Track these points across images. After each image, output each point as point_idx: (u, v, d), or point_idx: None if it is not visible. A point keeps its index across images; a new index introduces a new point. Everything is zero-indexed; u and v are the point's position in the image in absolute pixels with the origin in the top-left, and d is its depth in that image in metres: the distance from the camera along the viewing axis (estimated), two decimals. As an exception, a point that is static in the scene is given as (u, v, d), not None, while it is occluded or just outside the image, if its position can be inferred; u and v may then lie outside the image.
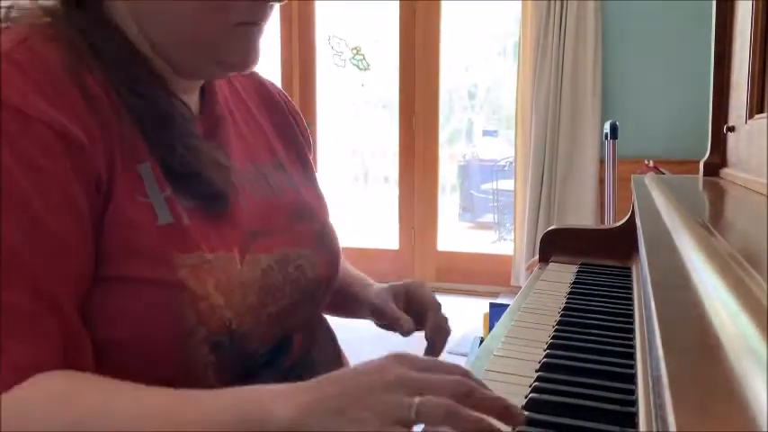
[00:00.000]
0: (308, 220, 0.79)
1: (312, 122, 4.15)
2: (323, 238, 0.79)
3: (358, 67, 4.50)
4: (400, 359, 0.53)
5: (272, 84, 0.90)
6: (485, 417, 0.49)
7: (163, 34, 0.66)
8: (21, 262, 0.54)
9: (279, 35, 4.07)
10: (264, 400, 0.51)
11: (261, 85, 0.87)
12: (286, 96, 0.90)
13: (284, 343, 0.73)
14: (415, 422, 0.48)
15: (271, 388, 0.53)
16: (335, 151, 5.31)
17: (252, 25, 0.66)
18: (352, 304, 0.95)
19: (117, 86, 0.63)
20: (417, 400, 0.49)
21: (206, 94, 0.75)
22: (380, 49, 4.49)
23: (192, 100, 0.73)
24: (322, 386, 0.52)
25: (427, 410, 0.48)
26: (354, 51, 4.43)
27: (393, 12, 3.94)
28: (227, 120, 0.76)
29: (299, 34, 4.07)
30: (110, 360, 0.59)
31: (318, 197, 0.85)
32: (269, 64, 3.97)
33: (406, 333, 0.87)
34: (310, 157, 0.89)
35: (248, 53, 0.67)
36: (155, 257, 0.60)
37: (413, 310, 0.90)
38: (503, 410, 0.50)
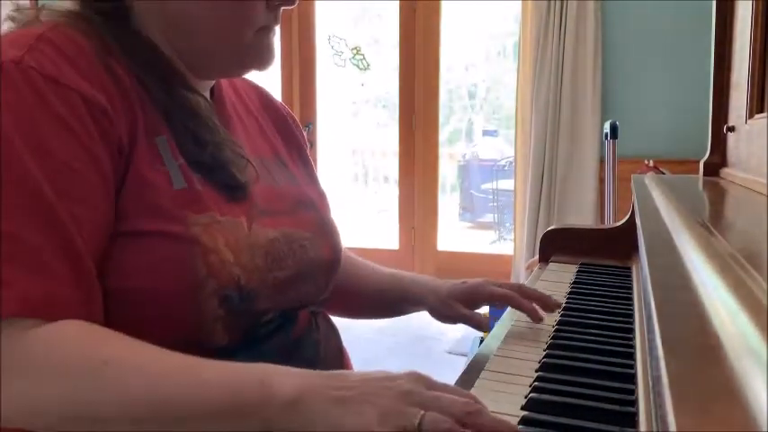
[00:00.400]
0: (310, 209, 0.82)
1: (312, 122, 4.15)
2: (324, 226, 0.83)
3: (358, 67, 4.50)
4: (415, 377, 0.55)
5: (270, 92, 0.96)
6: None
7: (189, 39, 0.71)
8: (42, 204, 0.57)
9: (279, 35, 4.06)
10: (274, 372, 0.54)
11: (260, 92, 0.92)
12: (282, 104, 0.95)
13: (290, 315, 0.75)
14: None
15: (283, 366, 0.56)
16: (335, 151, 5.31)
17: (270, 29, 0.73)
18: (400, 304, 0.99)
19: (143, 79, 0.68)
20: (423, 412, 0.50)
21: (215, 93, 0.80)
22: (380, 49, 4.49)
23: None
24: (331, 376, 0.55)
25: (431, 423, 0.50)
26: (354, 51, 4.43)
27: (393, 12, 3.94)
28: (234, 118, 0.81)
29: (299, 34, 4.07)
30: (122, 311, 0.62)
31: (320, 193, 0.88)
32: (269, 64, 3.96)
33: (485, 331, 0.93)
34: (310, 158, 0.93)
35: (268, 54, 0.74)
36: (170, 216, 0.64)
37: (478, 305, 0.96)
38: None
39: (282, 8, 0.73)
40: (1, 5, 0.71)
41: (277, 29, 0.75)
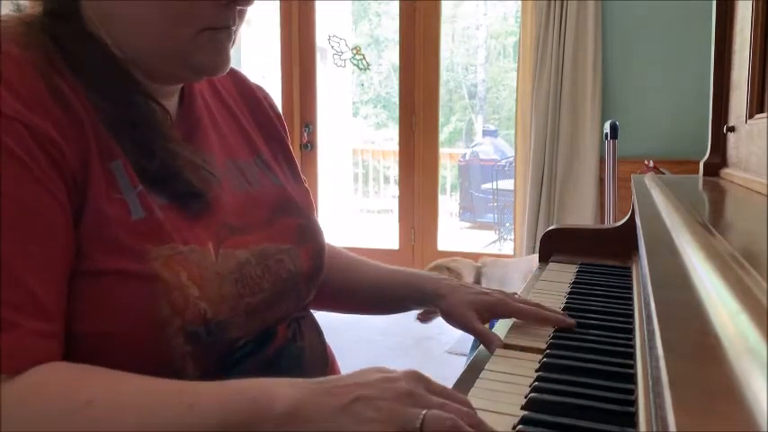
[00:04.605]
0: (289, 214, 0.78)
1: (312, 122, 4.14)
2: (305, 232, 0.79)
3: (358, 66, 4.50)
4: (416, 377, 0.55)
5: (254, 82, 0.89)
6: None
7: (132, 42, 0.66)
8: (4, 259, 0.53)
9: (279, 35, 4.07)
10: (267, 386, 0.53)
11: (241, 84, 0.87)
12: (265, 92, 0.90)
13: (267, 334, 0.72)
14: None
15: (276, 379, 0.54)
16: (335, 151, 5.31)
17: (219, 30, 0.66)
18: (404, 300, 0.94)
19: (89, 91, 0.63)
20: (425, 411, 0.50)
21: (185, 96, 0.76)
22: (380, 48, 4.48)
23: (171, 104, 0.73)
24: (327, 381, 0.53)
25: (433, 422, 0.49)
26: (354, 51, 4.44)
27: (393, 12, 3.94)
28: (205, 121, 0.76)
29: (299, 34, 4.07)
30: (86, 354, 0.59)
31: (304, 193, 0.85)
32: (269, 64, 3.96)
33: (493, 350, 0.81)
34: (292, 151, 0.89)
35: (216, 57, 0.67)
36: (129, 251, 0.60)
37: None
38: None
39: (239, 7, 0.66)
40: (1, 5, 0.69)
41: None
